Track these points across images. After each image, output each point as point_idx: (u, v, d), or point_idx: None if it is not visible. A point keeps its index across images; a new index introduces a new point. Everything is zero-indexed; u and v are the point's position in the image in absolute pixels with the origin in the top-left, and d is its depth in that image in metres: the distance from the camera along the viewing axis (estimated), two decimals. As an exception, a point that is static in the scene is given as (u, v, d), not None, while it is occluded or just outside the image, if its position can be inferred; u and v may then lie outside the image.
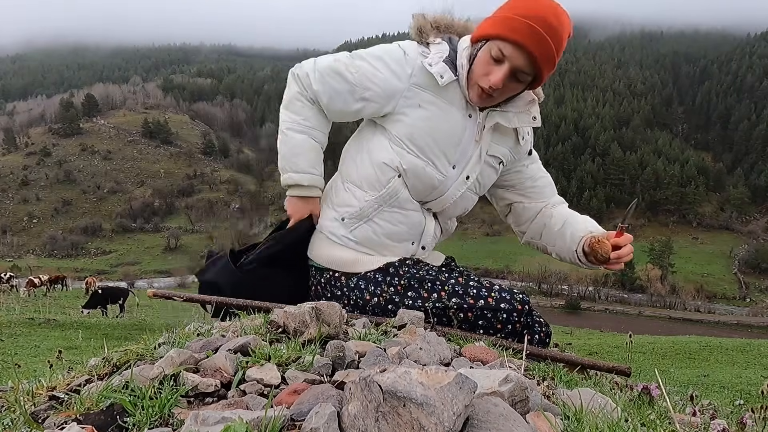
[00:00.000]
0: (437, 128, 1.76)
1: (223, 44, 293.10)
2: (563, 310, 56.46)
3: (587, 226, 1.96)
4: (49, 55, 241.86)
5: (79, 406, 0.82)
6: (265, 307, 1.69)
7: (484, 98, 1.73)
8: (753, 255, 78.43)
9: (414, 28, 1.84)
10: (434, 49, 1.78)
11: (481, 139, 1.82)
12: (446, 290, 1.75)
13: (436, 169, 1.79)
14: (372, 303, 1.79)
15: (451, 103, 1.77)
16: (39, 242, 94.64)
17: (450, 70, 1.74)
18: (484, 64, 1.69)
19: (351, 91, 1.80)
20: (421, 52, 1.78)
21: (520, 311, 1.73)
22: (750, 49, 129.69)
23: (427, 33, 1.81)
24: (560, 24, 1.63)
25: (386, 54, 1.80)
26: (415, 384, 0.64)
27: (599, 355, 9.76)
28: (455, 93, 1.77)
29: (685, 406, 1.44)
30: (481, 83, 1.69)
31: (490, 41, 1.67)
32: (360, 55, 1.84)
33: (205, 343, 1.14)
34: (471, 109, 1.79)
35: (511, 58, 1.64)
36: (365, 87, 1.78)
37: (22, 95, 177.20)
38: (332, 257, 1.88)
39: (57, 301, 20.24)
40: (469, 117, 1.79)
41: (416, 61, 1.76)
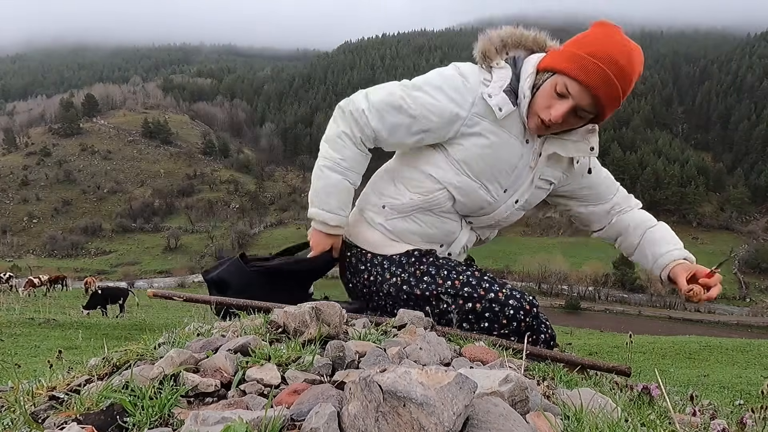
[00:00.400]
0: (494, 156, 1.76)
1: (223, 44, 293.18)
2: (563, 310, 56.44)
3: (671, 251, 1.94)
4: (49, 55, 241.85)
5: (79, 406, 0.82)
6: (265, 307, 1.69)
7: (542, 129, 1.73)
8: (753, 255, 78.39)
9: (479, 51, 1.78)
10: (496, 76, 1.74)
11: (536, 166, 1.83)
12: (461, 280, 1.80)
13: (488, 192, 1.81)
14: (389, 282, 1.86)
15: (510, 131, 1.75)
16: (39, 242, 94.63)
17: (509, 100, 1.71)
18: (547, 97, 1.67)
19: (411, 124, 1.77)
20: (482, 80, 1.74)
21: (527, 311, 1.76)
22: (750, 49, 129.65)
23: (492, 57, 1.76)
24: (631, 66, 1.62)
25: (445, 83, 1.75)
26: (415, 384, 0.64)
27: (599, 355, 9.77)
28: (514, 121, 1.75)
29: (685, 406, 1.44)
30: (541, 115, 1.68)
31: (557, 75, 1.65)
32: (417, 85, 1.78)
33: (205, 343, 1.14)
34: (528, 135, 1.78)
35: (575, 97, 1.63)
36: (425, 118, 1.75)
37: (22, 95, 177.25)
38: (364, 237, 1.95)
39: (57, 301, 20.24)
40: (526, 143, 1.78)
41: (477, 90, 1.72)
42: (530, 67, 1.73)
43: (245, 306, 1.73)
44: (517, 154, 1.78)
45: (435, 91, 1.75)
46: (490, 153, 1.75)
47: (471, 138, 1.75)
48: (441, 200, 1.83)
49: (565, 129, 1.76)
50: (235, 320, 1.54)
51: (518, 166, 1.79)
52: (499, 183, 1.81)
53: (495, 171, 1.78)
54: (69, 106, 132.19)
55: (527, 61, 1.76)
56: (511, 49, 1.79)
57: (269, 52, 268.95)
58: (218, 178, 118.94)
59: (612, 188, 2.06)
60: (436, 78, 1.77)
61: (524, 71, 1.73)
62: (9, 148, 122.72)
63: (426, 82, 1.78)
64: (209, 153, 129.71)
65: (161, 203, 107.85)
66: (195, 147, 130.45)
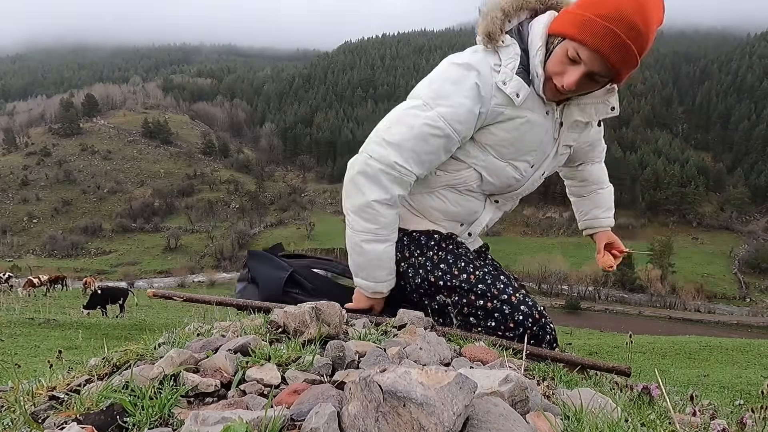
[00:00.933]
0: (521, 138, 1.72)
1: (223, 44, 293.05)
2: (563, 310, 56.43)
3: (606, 218, 2.22)
4: (49, 55, 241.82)
5: (79, 406, 0.82)
6: (265, 307, 1.69)
7: (557, 94, 1.67)
8: (753, 255, 78.37)
9: (482, 34, 1.67)
10: (504, 57, 1.65)
11: (559, 136, 1.81)
12: (476, 275, 1.77)
13: (516, 170, 1.79)
14: (409, 262, 1.84)
15: (532, 110, 1.70)
16: (39, 242, 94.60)
17: (524, 82, 1.64)
18: (559, 63, 1.60)
19: (446, 144, 1.68)
20: (492, 67, 1.65)
21: (535, 320, 1.74)
22: (750, 49, 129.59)
23: (496, 38, 1.66)
24: (646, 21, 1.48)
25: (459, 87, 1.64)
26: (415, 384, 0.64)
27: (599, 355, 9.77)
28: (533, 98, 1.69)
29: (685, 406, 1.44)
30: (555, 81, 1.62)
31: (567, 40, 1.57)
32: (428, 103, 1.65)
33: (205, 343, 1.14)
34: (548, 106, 1.73)
35: (587, 63, 1.55)
36: (456, 132, 1.66)
37: (22, 95, 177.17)
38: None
39: (57, 301, 20.23)
40: (547, 114, 1.73)
41: (491, 80, 1.64)
42: (538, 38, 1.64)
43: (245, 306, 1.73)
44: (542, 131, 1.74)
45: (452, 99, 1.64)
46: (517, 135, 1.71)
47: (497, 125, 1.70)
48: (468, 179, 1.80)
49: (583, 92, 1.69)
50: (235, 320, 1.54)
51: (543, 140, 1.77)
52: (527, 161, 1.78)
53: (523, 151, 1.75)
54: (69, 106, 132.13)
55: (533, 31, 1.66)
56: (513, 16, 1.69)
57: (269, 52, 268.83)
58: (218, 178, 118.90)
59: (602, 144, 2.16)
60: (447, 85, 1.66)
61: (532, 44, 1.65)
62: (9, 148, 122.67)
63: (439, 93, 1.66)
64: (209, 153, 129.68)
65: (161, 203, 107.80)
66: (195, 147, 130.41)
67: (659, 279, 68.73)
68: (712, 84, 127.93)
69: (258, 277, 1.95)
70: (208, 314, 2.01)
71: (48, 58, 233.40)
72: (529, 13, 1.71)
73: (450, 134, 1.65)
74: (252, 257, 2.02)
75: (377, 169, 1.65)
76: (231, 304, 1.83)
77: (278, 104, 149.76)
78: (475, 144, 1.75)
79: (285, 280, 1.92)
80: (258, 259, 2.01)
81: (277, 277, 1.90)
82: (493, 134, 1.71)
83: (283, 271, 1.94)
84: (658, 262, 70.09)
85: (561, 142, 1.82)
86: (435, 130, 1.64)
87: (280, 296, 1.86)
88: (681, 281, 70.12)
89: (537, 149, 1.77)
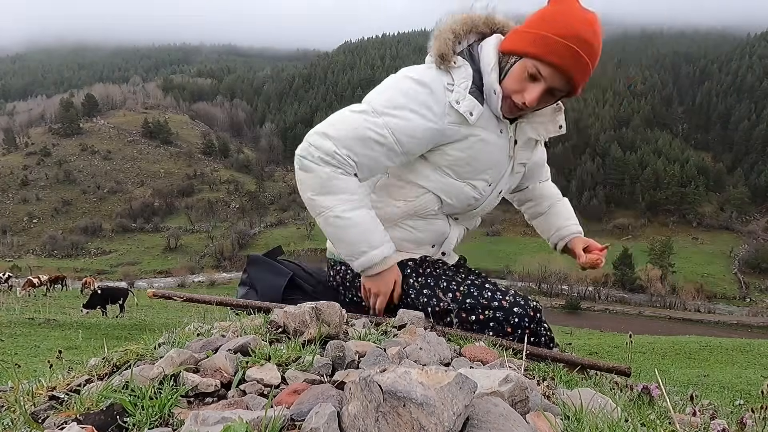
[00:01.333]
0: (476, 157, 1.73)
1: (223, 44, 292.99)
2: (563, 310, 56.42)
3: (571, 225, 2.16)
4: (49, 55, 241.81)
5: (79, 406, 0.82)
6: (265, 307, 1.69)
7: (515, 111, 1.71)
8: (753, 255, 78.35)
9: (435, 55, 1.69)
10: (457, 77, 1.66)
11: (515, 154, 1.84)
12: (462, 291, 1.77)
13: (474, 189, 1.79)
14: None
15: (486, 128, 1.71)
16: (39, 242, 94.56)
17: (477, 100, 1.67)
18: (518, 80, 1.63)
19: (389, 153, 1.65)
20: (445, 86, 1.66)
21: (531, 317, 1.74)
22: (750, 49, 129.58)
23: (449, 59, 1.68)
24: (595, 36, 1.58)
25: (411, 100, 1.63)
26: (415, 384, 0.64)
27: (599, 355, 9.77)
28: (487, 117, 1.71)
29: (685, 406, 1.44)
30: (515, 99, 1.66)
31: (526, 58, 1.61)
32: (378, 110, 1.63)
33: (205, 343, 1.14)
34: (502, 125, 1.75)
35: (547, 79, 1.60)
36: (400, 144, 1.64)
37: (22, 95, 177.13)
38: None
39: (57, 301, 20.23)
40: (501, 133, 1.76)
41: (444, 99, 1.65)
42: (490, 58, 1.68)
43: (245, 306, 1.73)
44: (497, 149, 1.76)
45: (402, 111, 1.62)
46: (471, 154, 1.72)
47: (451, 145, 1.70)
48: (428, 203, 1.80)
49: (540, 108, 1.75)
50: (235, 320, 1.54)
51: (499, 159, 1.78)
52: (485, 180, 1.79)
53: (479, 170, 1.76)
54: (69, 106, 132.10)
55: (484, 52, 1.70)
56: (463, 38, 1.73)
57: (269, 52, 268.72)
58: (218, 178, 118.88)
59: (546, 165, 2.19)
60: (398, 97, 1.64)
61: (485, 63, 1.69)
62: (9, 148, 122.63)
63: (389, 103, 1.63)
64: (209, 153, 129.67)
65: (161, 203, 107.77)
66: (195, 147, 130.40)
67: (659, 279, 68.71)
68: (712, 84, 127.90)
69: (257, 284, 1.93)
70: (208, 314, 2.01)
71: (48, 58, 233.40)
72: (477, 36, 1.76)
73: (393, 145, 1.63)
74: (251, 263, 2.00)
75: (317, 157, 1.62)
76: (231, 304, 1.83)
77: (278, 104, 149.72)
78: (430, 165, 1.75)
79: (285, 286, 1.90)
80: (257, 265, 1.98)
81: (276, 284, 1.88)
82: (448, 154, 1.72)
83: (282, 277, 1.92)
84: (658, 262, 70.09)
85: (516, 160, 1.85)
86: (378, 137, 1.62)
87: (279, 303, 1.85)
88: (681, 281, 70.12)
89: (493, 168, 1.78)
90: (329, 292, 1.97)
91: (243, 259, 3.27)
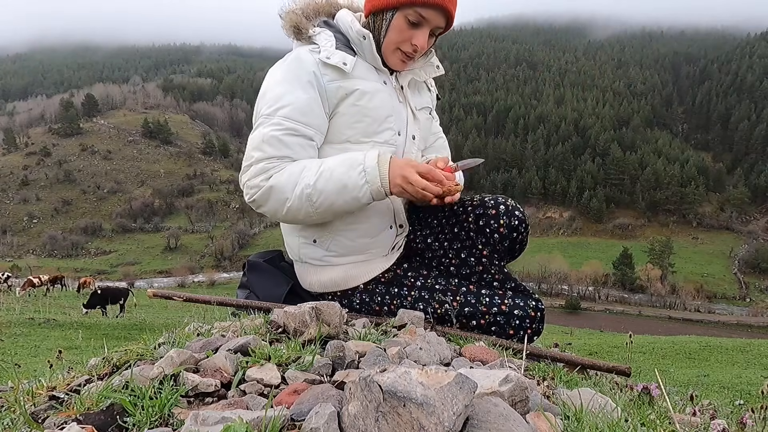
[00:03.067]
0: (368, 107, 1.69)
1: (223, 44, 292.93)
2: (563, 310, 56.45)
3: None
4: (49, 55, 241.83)
5: (79, 406, 0.82)
6: (265, 307, 1.69)
7: (407, 62, 1.73)
8: (753, 255, 78.39)
9: (289, 29, 1.73)
10: (321, 41, 1.70)
11: (405, 99, 1.82)
12: (458, 300, 1.73)
13: (386, 144, 1.73)
14: (384, 312, 1.77)
15: (366, 78, 1.71)
16: (39, 242, 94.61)
17: (347, 52, 1.69)
18: (402, 31, 1.66)
19: (303, 141, 1.64)
20: (310, 50, 1.69)
21: (533, 318, 1.73)
22: (750, 49, 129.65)
23: (305, 28, 1.72)
24: None
25: (287, 84, 1.64)
26: (415, 384, 0.64)
27: (599, 355, 9.76)
28: (365, 69, 1.72)
29: (685, 406, 1.44)
30: (403, 48, 1.68)
31: (402, 9, 1.63)
32: (269, 111, 1.63)
33: (205, 343, 1.14)
34: (384, 76, 1.77)
35: (431, 21, 1.65)
36: (305, 124, 1.63)
37: (22, 95, 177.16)
38: (323, 281, 1.81)
39: (57, 301, 20.24)
40: (385, 84, 1.76)
41: (313, 60, 1.66)
42: (347, 17, 1.73)
43: (245, 306, 1.73)
44: (386, 96, 1.74)
45: (286, 98, 1.62)
46: (363, 106, 1.68)
47: (341, 104, 1.68)
48: None
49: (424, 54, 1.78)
50: (235, 320, 1.54)
51: (394, 105, 1.77)
52: (390, 128, 1.74)
53: (378, 120, 1.71)
54: (69, 106, 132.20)
55: (339, 15, 1.76)
56: (312, 19, 1.76)
57: (269, 52, 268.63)
58: (218, 178, 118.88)
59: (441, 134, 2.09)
60: (276, 89, 1.65)
61: (344, 22, 1.73)
62: (9, 148, 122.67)
63: (272, 100, 1.64)
64: (209, 153, 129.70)
65: (161, 203, 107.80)
66: (195, 147, 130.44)
67: (659, 279, 68.77)
68: (712, 84, 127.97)
69: (257, 292, 1.89)
70: (208, 314, 2.01)
71: (48, 58, 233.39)
72: (325, 16, 1.79)
73: (302, 129, 1.62)
74: (251, 269, 1.95)
75: (253, 187, 1.61)
76: (231, 304, 1.83)
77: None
78: (331, 147, 1.70)
79: (285, 296, 1.86)
80: (257, 272, 1.94)
81: (276, 294, 1.84)
82: (342, 115, 1.69)
83: (282, 287, 1.88)
84: (658, 262, 70.12)
85: (412, 104, 1.84)
86: (286, 133, 1.61)
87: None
88: (681, 281, 70.14)
89: (392, 114, 1.74)
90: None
91: (243, 259, 3.31)
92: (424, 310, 1.72)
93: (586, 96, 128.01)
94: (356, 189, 1.56)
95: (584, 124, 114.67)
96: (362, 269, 1.80)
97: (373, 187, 1.56)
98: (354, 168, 1.56)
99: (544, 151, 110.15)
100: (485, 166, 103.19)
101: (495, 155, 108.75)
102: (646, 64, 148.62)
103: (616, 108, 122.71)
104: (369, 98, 1.69)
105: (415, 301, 1.75)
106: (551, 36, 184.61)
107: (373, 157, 1.57)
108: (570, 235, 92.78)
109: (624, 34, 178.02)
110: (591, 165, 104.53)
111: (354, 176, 1.56)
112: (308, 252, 1.79)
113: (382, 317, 1.72)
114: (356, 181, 1.56)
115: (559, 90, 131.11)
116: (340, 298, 1.82)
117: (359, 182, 1.56)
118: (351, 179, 1.55)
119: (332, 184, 1.56)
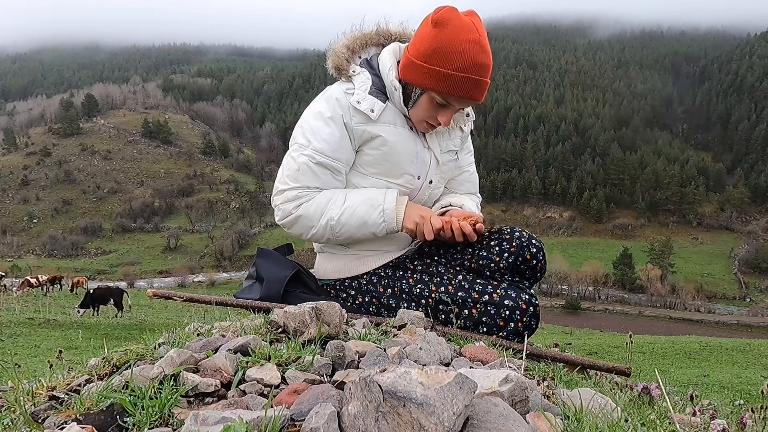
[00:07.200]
0: (393, 152, 1.82)
1: (223, 44, 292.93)
2: (563, 310, 56.46)
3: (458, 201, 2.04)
4: (49, 55, 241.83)
5: (79, 406, 0.82)
6: (265, 307, 1.69)
7: (431, 130, 1.86)
8: (753, 255, 78.41)
9: (331, 68, 1.86)
10: (357, 82, 1.81)
11: (430, 145, 1.92)
12: (453, 285, 1.81)
13: (402, 187, 1.88)
14: (387, 294, 1.89)
15: (393, 123, 1.82)
16: (39, 242, 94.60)
17: (378, 99, 1.79)
18: (428, 109, 1.77)
19: (332, 172, 1.81)
20: (345, 91, 1.80)
21: (523, 310, 1.73)
22: (750, 49, 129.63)
23: (345, 69, 1.84)
24: (486, 54, 1.68)
25: (324, 120, 1.79)
26: (415, 384, 0.64)
27: (599, 355, 9.77)
28: (394, 114, 1.82)
29: (685, 406, 1.44)
30: (430, 122, 1.81)
31: (432, 92, 1.72)
32: (304, 142, 1.80)
33: (205, 343, 1.14)
34: (411, 123, 1.87)
35: (457, 104, 1.75)
36: (336, 159, 1.80)
37: (22, 95, 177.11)
38: (337, 268, 1.97)
39: (57, 301, 20.22)
40: (411, 129, 1.87)
41: (347, 103, 1.78)
42: (387, 62, 1.82)
43: (245, 306, 1.73)
44: (410, 142, 1.86)
45: (321, 133, 1.78)
46: (386, 151, 1.82)
47: (366, 145, 1.82)
48: None
49: None
50: (235, 320, 1.54)
51: (417, 151, 1.88)
52: (410, 174, 1.88)
53: (400, 164, 1.84)
54: (69, 106, 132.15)
55: (381, 57, 1.85)
56: (360, 51, 1.88)
57: (269, 52, 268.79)
58: (218, 178, 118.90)
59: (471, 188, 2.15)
60: (313, 122, 1.80)
61: (383, 67, 1.82)
62: (9, 148, 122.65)
63: (309, 133, 1.80)
64: (209, 153, 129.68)
65: (161, 203, 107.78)
66: (195, 147, 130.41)
67: (659, 279, 68.77)
68: (712, 84, 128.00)
69: (263, 275, 1.96)
70: (208, 314, 2.01)
71: (48, 58, 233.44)
72: (376, 49, 1.92)
73: (332, 164, 1.80)
74: (260, 255, 2.04)
75: (286, 211, 1.83)
76: (231, 304, 1.83)
77: (278, 104, 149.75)
78: (358, 174, 1.87)
79: (289, 279, 1.92)
80: (266, 257, 2.03)
81: (281, 276, 1.90)
82: (366, 155, 1.84)
83: (288, 270, 1.95)
84: (658, 262, 70.11)
85: (436, 150, 1.93)
86: (317, 165, 1.79)
87: (280, 295, 1.86)
88: (681, 281, 70.17)
89: (414, 160, 1.87)
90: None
91: (243, 259, 3.35)
92: (421, 294, 1.82)
93: (586, 96, 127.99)
94: (375, 226, 1.81)
95: (584, 124, 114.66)
96: (377, 258, 1.94)
97: (389, 226, 1.81)
98: (375, 208, 1.79)
99: (544, 151, 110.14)
100: (485, 166, 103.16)
101: (495, 155, 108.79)
102: (646, 64, 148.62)
103: (616, 108, 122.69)
104: (391, 146, 1.82)
105: (416, 283, 1.85)
106: (551, 36, 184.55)
107: (392, 200, 1.80)
108: (570, 235, 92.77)
109: (624, 34, 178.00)
110: (591, 165, 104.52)
111: (374, 216, 1.79)
112: (327, 245, 1.99)
113: (382, 316, 1.76)
114: (375, 220, 1.80)
115: (559, 90, 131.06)
116: (351, 278, 1.95)
117: (378, 221, 1.80)
118: (371, 218, 1.79)
119: (354, 219, 1.79)
